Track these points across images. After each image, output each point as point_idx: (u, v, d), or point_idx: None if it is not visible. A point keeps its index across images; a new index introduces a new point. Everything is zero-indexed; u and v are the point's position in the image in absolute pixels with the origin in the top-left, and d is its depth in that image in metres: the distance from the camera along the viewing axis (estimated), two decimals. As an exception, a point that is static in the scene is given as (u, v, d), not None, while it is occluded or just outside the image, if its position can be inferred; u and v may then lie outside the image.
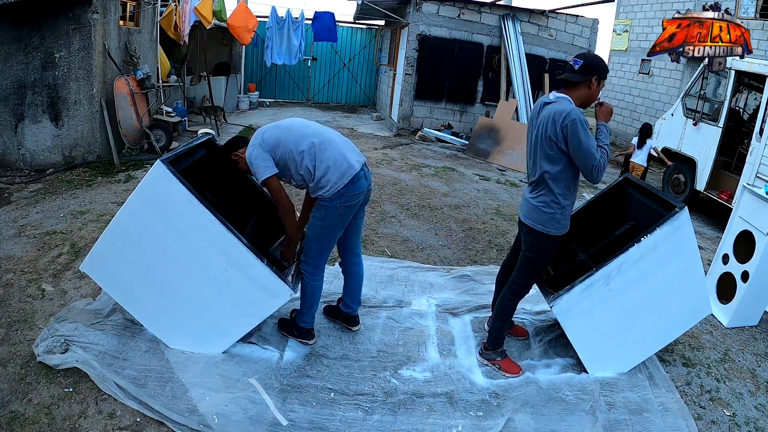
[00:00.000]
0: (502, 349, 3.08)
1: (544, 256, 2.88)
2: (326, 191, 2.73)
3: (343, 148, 2.81)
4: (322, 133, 2.83)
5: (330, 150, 2.75)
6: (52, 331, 2.86)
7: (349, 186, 2.74)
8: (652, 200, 3.12)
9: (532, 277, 2.95)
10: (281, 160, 2.77)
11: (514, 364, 3.06)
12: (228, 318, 2.82)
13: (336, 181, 2.71)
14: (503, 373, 3.01)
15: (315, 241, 2.86)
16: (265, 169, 2.73)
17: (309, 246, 2.89)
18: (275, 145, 2.76)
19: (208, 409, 2.48)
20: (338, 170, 2.72)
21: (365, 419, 2.57)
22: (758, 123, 6.13)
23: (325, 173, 2.72)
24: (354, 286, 3.22)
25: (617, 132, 13.08)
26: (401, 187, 6.48)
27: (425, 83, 10.19)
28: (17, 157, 6.07)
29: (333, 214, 2.79)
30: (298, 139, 2.77)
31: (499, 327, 3.04)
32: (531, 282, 2.98)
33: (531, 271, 2.92)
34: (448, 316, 3.55)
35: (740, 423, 2.85)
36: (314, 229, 2.85)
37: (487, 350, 3.09)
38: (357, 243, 3.19)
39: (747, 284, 3.72)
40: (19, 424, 2.33)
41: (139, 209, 2.65)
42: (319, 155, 2.73)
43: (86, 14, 5.85)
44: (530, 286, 3.01)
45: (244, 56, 12.72)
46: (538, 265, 2.90)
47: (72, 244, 4.07)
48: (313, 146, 2.74)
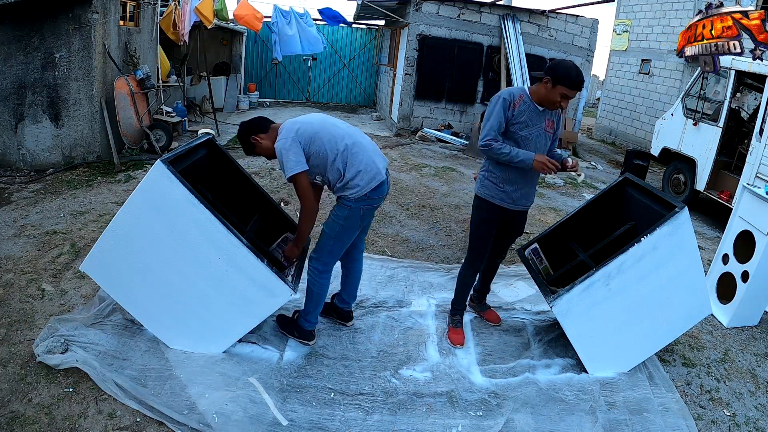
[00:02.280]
0: (458, 318, 3.37)
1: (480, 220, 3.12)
2: (353, 193, 2.74)
3: (372, 152, 2.83)
4: (353, 135, 2.83)
5: (362, 154, 2.76)
6: (52, 331, 2.86)
7: (375, 190, 2.78)
8: (652, 200, 3.12)
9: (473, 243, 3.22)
10: (313, 156, 2.72)
11: (459, 336, 3.28)
12: (228, 318, 2.82)
13: (364, 186, 2.73)
14: (446, 337, 3.30)
15: (332, 239, 2.87)
16: (297, 164, 2.66)
17: (324, 243, 2.89)
18: (310, 141, 2.71)
19: (208, 408, 2.48)
20: (368, 175, 2.74)
21: (365, 419, 2.57)
22: (758, 123, 6.13)
23: (355, 176, 2.72)
24: (354, 282, 3.26)
25: (617, 132, 13.09)
26: (401, 187, 6.48)
27: (425, 83, 10.19)
28: (17, 157, 6.07)
29: (355, 215, 2.81)
30: (334, 138, 2.74)
31: (456, 297, 3.35)
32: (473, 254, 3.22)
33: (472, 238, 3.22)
34: (448, 316, 3.55)
35: (740, 423, 2.85)
36: (334, 227, 2.84)
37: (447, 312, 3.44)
38: (363, 240, 3.24)
39: (747, 284, 3.72)
40: (19, 424, 2.33)
41: (139, 209, 2.65)
42: (351, 158, 2.73)
43: (86, 14, 5.85)
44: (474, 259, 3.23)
45: (244, 56, 12.72)
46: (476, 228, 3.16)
47: (72, 244, 4.07)
48: (347, 148, 2.74)
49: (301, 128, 2.73)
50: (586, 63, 10.71)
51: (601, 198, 3.50)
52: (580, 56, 10.61)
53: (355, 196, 2.75)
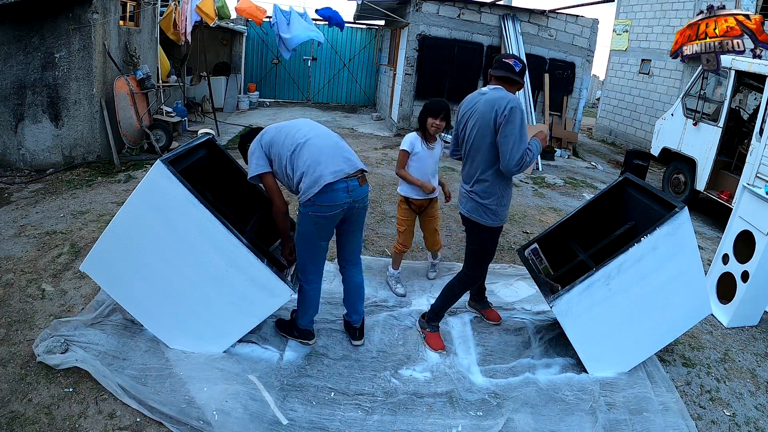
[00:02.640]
0: (436, 324, 3.27)
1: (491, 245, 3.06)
2: (300, 197, 2.69)
3: (325, 155, 2.69)
4: (308, 137, 2.75)
5: (307, 155, 2.68)
6: (52, 331, 2.86)
7: (321, 196, 2.62)
8: (652, 200, 3.12)
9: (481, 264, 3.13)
10: (274, 160, 2.78)
11: (438, 340, 3.21)
12: (228, 318, 2.82)
13: (306, 189, 2.64)
14: (425, 343, 3.21)
15: (300, 247, 2.84)
16: (256, 166, 2.78)
17: (299, 253, 2.87)
18: (269, 145, 2.79)
19: (208, 405, 2.48)
20: (310, 177, 2.64)
21: (365, 419, 2.57)
22: (758, 123, 6.13)
23: (301, 179, 2.68)
24: (349, 296, 3.12)
25: (617, 132, 13.09)
26: (401, 187, 6.47)
27: (425, 83, 10.19)
28: (17, 157, 6.07)
29: (306, 221, 2.73)
30: (290, 140, 2.76)
31: (441, 306, 3.23)
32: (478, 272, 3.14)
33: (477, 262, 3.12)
34: (447, 316, 3.55)
35: (740, 423, 2.85)
36: (297, 235, 2.84)
37: (424, 319, 3.32)
38: (351, 252, 3.05)
39: (747, 284, 3.71)
40: (19, 424, 2.33)
41: (139, 209, 2.65)
42: (296, 160, 2.70)
43: (86, 14, 5.85)
44: (478, 276, 3.16)
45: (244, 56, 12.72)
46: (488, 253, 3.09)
47: (72, 244, 4.07)
48: (296, 149, 2.72)
49: (266, 133, 2.83)
50: (586, 63, 10.71)
51: (601, 198, 3.50)
52: (580, 56, 10.61)
53: (302, 200, 2.68)
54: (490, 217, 2.93)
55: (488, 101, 2.81)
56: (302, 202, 2.69)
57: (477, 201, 2.95)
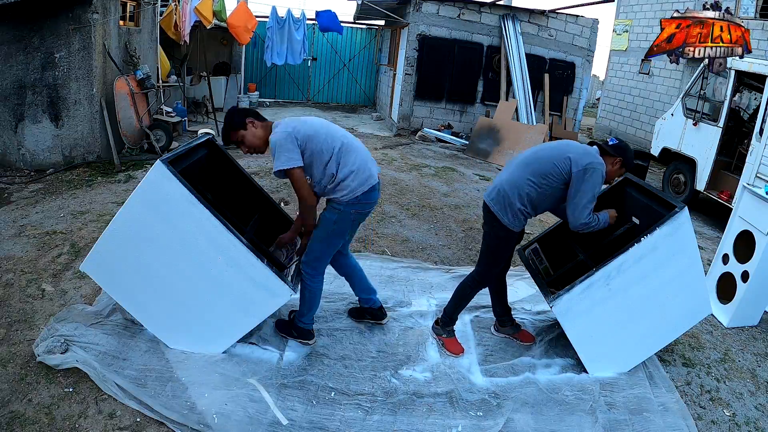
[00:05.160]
0: (451, 328, 3.24)
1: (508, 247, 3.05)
2: (344, 195, 2.72)
3: (366, 156, 2.82)
4: (346, 136, 2.83)
5: (356, 155, 2.76)
6: (52, 331, 2.86)
7: (368, 194, 2.76)
8: (652, 200, 3.12)
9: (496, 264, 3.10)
10: (308, 155, 2.70)
11: (457, 344, 3.18)
12: (228, 318, 2.82)
13: (355, 188, 2.71)
14: (444, 349, 3.17)
15: (321, 243, 2.85)
16: (289, 159, 2.62)
17: (313, 248, 2.87)
18: (307, 139, 2.68)
19: (208, 408, 2.48)
20: (360, 176, 2.72)
21: (365, 419, 2.57)
22: (758, 123, 6.13)
23: (347, 177, 2.71)
24: (359, 277, 3.22)
25: (617, 132, 13.09)
26: (401, 187, 6.48)
27: (425, 83, 10.19)
28: (17, 157, 6.07)
29: (346, 219, 2.79)
30: (332, 138, 2.74)
31: (453, 308, 3.21)
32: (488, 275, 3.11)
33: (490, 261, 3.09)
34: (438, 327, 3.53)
35: (740, 423, 2.85)
36: (322, 231, 2.83)
37: (438, 325, 3.27)
38: (345, 246, 3.17)
39: (747, 284, 3.72)
40: (19, 424, 2.33)
41: (139, 209, 2.65)
42: (344, 158, 2.72)
43: (86, 14, 5.85)
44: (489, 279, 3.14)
45: (244, 56, 12.71)
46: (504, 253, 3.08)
47: (72, 244, 4.07)
48: (342, 147, 2.73)
49: (298, 126, 2.73)
50: (586, 63, 10.71)
51: (601, 198, 3.49)
52: (580, 56, 10.62)
53: (346, 199, 2.72)
54: (509, 217, 2.89)
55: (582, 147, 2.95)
56: (345, 201, 2.72)
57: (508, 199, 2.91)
